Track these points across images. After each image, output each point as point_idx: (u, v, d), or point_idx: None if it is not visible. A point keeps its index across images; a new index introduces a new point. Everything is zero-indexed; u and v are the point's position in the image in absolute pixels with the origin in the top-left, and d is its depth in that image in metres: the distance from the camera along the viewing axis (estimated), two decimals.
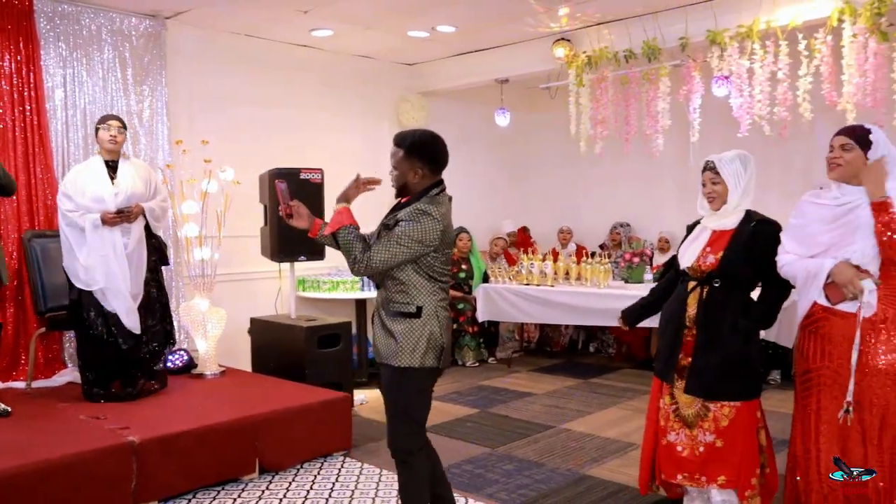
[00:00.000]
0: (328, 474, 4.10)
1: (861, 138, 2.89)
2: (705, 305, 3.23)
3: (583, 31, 6.29)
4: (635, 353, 7.01)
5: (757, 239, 3.18)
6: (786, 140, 5.62)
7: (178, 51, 5.78)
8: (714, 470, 3.21)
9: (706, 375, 3.20)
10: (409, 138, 2.90)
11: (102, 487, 3.45)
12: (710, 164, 3.31)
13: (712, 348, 3.19)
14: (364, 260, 2.75)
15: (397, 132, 2.95)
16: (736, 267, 3.18)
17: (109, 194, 4.29)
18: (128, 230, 4.34)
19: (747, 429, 3.20)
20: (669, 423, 3.35)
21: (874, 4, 4.87)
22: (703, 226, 3.38)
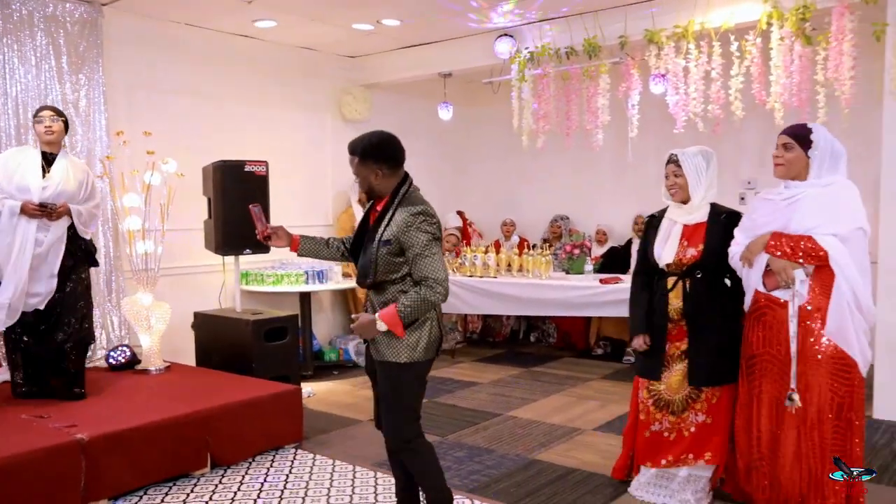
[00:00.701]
0: (281, 467, 4.11)
1: (802, 137, 3.06)
2: (692, 297, 3.38)
3: (525, 28, 6.41)
4: (575, 343, 7.20)
5: (728, 230, 3.36)
6: (718, 136, 5.86)
7: (115, 39, 5.63)
8: (702, 447, 3.39)
9: (706, 364, 3.37)
10: (360, 144, 2.94)
11: (51, 487, 3.38)
12: (674, 158, 3.46)
13: (706, 337, 3.35)
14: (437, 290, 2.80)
15: (350, 140, 2.98)
16: (716, 257, 3.35)
17: (37, 186, 4.09)
18: (46, 227, 4.10)
19: (730, 407, 3.39)
20: (651, 415, 3.49)
21: (799, 10, 5.13)
22: (672, 221, 3.51)
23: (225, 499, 3.68)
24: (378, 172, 2.91)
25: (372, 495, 3.68)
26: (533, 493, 3.70)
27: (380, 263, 2.87)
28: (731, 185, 6.94)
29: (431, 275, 2.80)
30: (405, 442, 2.98)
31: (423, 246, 2.81)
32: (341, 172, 7.41)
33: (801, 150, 3.06)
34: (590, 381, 6.03)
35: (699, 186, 3.41)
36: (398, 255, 2.85)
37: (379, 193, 2.97)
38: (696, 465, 3.42)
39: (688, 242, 3.42)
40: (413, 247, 2.81)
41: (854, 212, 3.02)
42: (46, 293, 4.14)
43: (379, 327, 2.83)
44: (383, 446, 4.39)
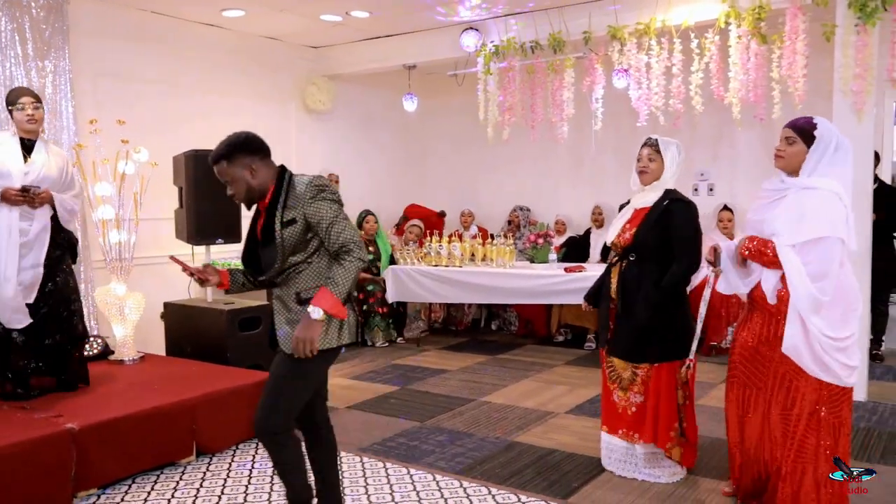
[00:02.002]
0: (266, 454, 4.14)
1: (805, 133, 3.03)
2: (622, 277, 3.57)
3: (491, 22, 6.54)
4: (537, 330, 7.40)
5: (668, 215, 3.51)
6: (677, 130, 6.10)
7: (81, 26, 5.53)
8: (640, 427, 3.58)
9: (623, 341, 3.58)
10: (223, 146, 2.80)
11: (42, 476, 3.36)
12: (653, 141, 3.61)
13: (627, 317, 3.55)
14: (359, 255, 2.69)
15: (209, 156, 2.84)
16: (645, 240, 3.51)
17: (18, 172, 3.95)
18: (30, 215, 3.96)
19: (666, 388, 3.56)
20: (612, 385, 3.68)
21: (755, 10, 5.40)
22: (632, 205, 3.71)
23: (216, 485, 3.71)
24: (252, 167, 2.78)
25: (361, 479, 3.76)
26: (517, 473, 3.84)
27: (286, 245, 2.70)
28: (685, 177, 7.20)
29: (347, 238, 2.69)
30: (275, 432, 2.77)
31: (333, 214, 2.70)
32: (306, 162, 7.45)
33: (803, 145, 3.04)
34: (555, 367, 6.22)
35: (669, 173, 3.58)
36: (306, 232, 2.72)
37: (260, 191, 2.80)
38: (637, 444, 3.63)
39: (629, 225, 3.61)
40: (323, 217, 2.69)
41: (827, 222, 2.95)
42: (32, 285, 3.99)
43: (316, 316, 2.63)
44: (365, 432, 4.52)
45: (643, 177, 3.62)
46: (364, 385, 5.71)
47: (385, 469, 3.89)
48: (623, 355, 3.62)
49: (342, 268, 2.68)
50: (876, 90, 5.05)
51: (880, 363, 6.13)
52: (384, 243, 7.53)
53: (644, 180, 3.63)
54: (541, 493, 3.55)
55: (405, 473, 3.83)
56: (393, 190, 8.48)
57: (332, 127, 7.82)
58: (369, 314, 7.21)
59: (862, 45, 4.90)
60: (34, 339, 4.09)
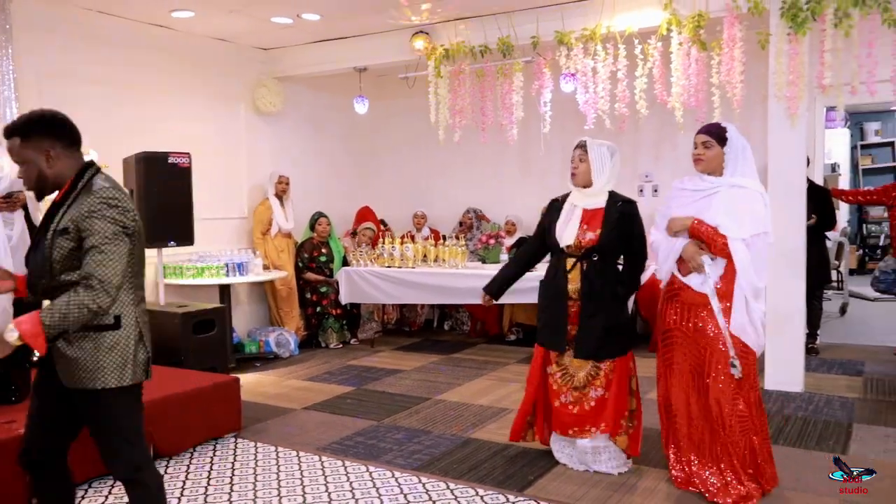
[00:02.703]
0: (224, 455, 4.17)
1: (719, 136, 3.44)
2: (587, 277, 3.70)
3: (441, 25, 6.63)
4: (489, 329, 7.52)
5: (624, 217, 3.72)
6: (622, 133, 6.30)
7: (25, 24, 5.41)
8: (599, 419, 3.72)
9: (592, 340, 3.69)
10: (20, 122, 2.43)
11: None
12: (582, 143, 3.82)
13: (596, 315, 3.67)
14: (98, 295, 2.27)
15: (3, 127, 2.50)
16: (611, 242, 3.69)
17: None
18: (10, 221, 4.02)
19: (623, 379, 3.75)
20: (559, 388, 3.79)
21: (695, 18, 5.61)
22: (573, 205, 3.83)
23: (174, 488, 3.71)
24: (50, 153, 2.39)
25: (321, 478, 3.81)
26: (475, 468, 3.94)
27: (56, 259, 2.33)
28: (630, 178, 7.45)
29: (98, 274, 2.26)
30: (135, 470, 2.48)
31: (103, 238, 2.29)
32: (256, 164, 7.44)
33: (718, 148, 3.43)
34: (507, 365, 6.35)
35: (601, 174, 3.75)
36: (78, 248, 2.32)
37: (53, 182, 2.43)
38: (596, 436, 3.76)
39: (587, 226, 3.75)
40: (92, 236, 2.28)
41: (760, 218, 3.33)
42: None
43: (9, 337, 2.23)
44: (323, 432, 4.57)
45: (573, 178, 3.81)
46: (320, 386, 5.74)
47: (344, 467, 3.95)
48: (593, 354, 3.71)
49: (69, 299, 2.25)
50: (807, 96, 5.32)
51: (815, 356, 6.43)
52: (337, 245, 7.55)
53: (574, 181, 3.80)
54: (498, 487, 3.66)
55: (364, 471, 3.89)
56: (343, 192, 8.50)
57: (283, 128, 7.81)
58: (323, 316, 7.23)
59: (794, 53, 5.14)
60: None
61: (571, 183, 3.84)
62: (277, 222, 7.15)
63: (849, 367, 6.07)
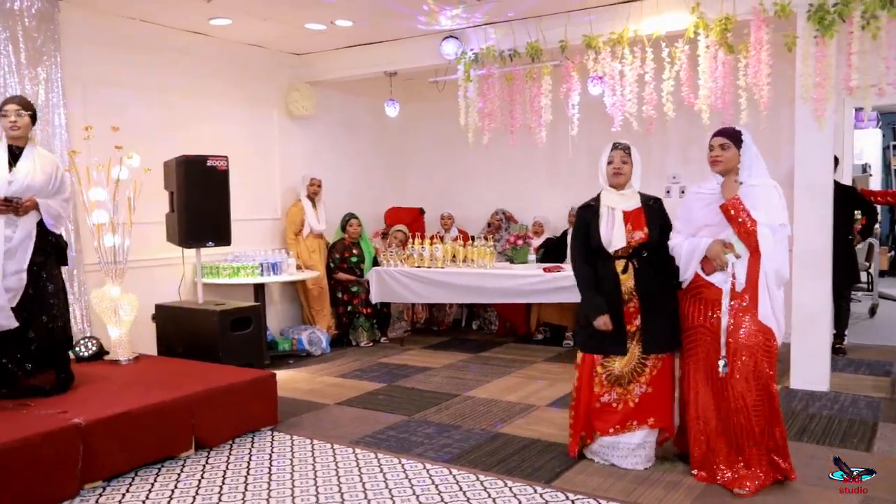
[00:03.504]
0: (262, 447, 4.33)
1: (735, 138, 3.58)
2: (643, 274, 3.80)
3: (471, 30, 6.76)
4: (516, 329, 7.63)
5: (662, 214, 3.88)
6: (650, 135, 6.38)
7: (72, 34, 5.64)
8: (644, 414, 3.81)
9: (660, 334, 3.79)
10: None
11: (51, 469, 3.51)
12: (624, 145, 3.89)
13: (656, 310, 3.78)
14: None
15: None
16: (657, 238, 3.81)
17: (2, 180, 4.03)
18: (13, 222, 4.04)
19: (671, 373, 3.85)
20: (601, 389, 3.88)
21: (722, 22, 5.67)
22: (611, 207, 3.87)
23: (216, 478, 3.88)
24: None
25: (355, 469, 3.95)
26: (503, 460, 4.06)
27: None
28: (657, 179, 7.51)
29: None
30: None
31: None
32: (289, 167, 7.63)
33: (735, 150, 3.57)
34: (535, 364, 6.46)
35: (636, 176, 3.88)
36: None
37: None
38: (639, 430, 3.84)
39: (632, 227, 3.83)
40: None
41: (779, 210, 3.50)
42: (16, 290, 4.06)
43: None
44: (356, 426, 4.71)
45: (619, 178, 3.85)
46: (351, 382, 5.90)
47: (377, 459, 4.09)
48: (665, 347, 3.81)
49: None
50: (835, 98, 5.36)
51: (843, 356, 6.45)
52: (367, 246, 7.72)
53: (619, 182, 3.87)
54: (525, 479, 3.77)
55: (397, 463, 4.03)
56: (374, 193, 8.67)
57: (315, 132, 7.99)
58: (354, 315, 7.40)
59: (821, 56, 5.19)
60: (18, 343, 4.13)
61: (610, 183, 3.87)
62: (309, 223, 7.33)
63: (876, 367, 6.08)
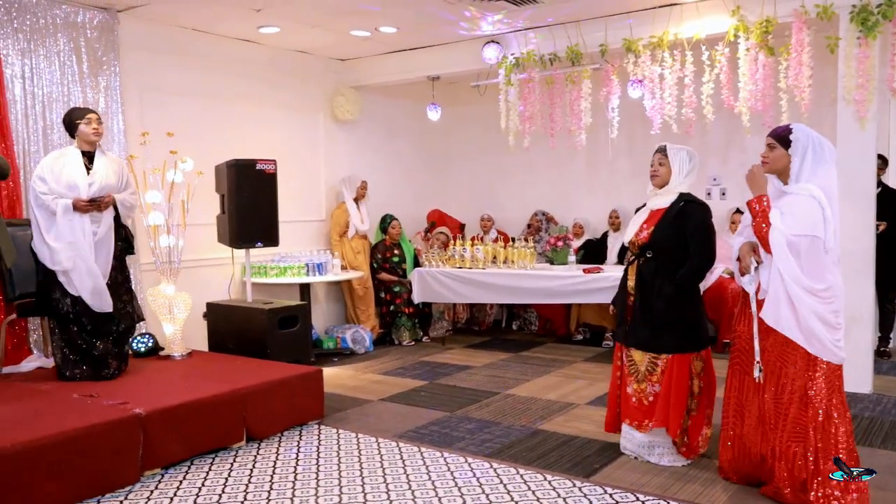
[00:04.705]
0: (310, 440, 4.50)
1: (782, 138, 3.43)
2: (640, 274, 3.90)
3: (511, 35, 6.87)
4: (556, 329, 7.71)
5: (683, 216, 3.84)
6: (689, 137, 6.41)
7: (129, 44, 5.92)
8: (653, 414, 3.89)
9: (640, 333, 3.89)
10: None
11: (113, 456, 3.71)
12: (663, 147, 3.97)
13: (644, 310, 3.86)
14: None
15: None
16: (662, 239, 3.84)
17: (84, 183, 4.48)
18: (98, 218, 4.53)
19: (681, 378, 3.87)
20: (626, 379, 3.99)
21: (763, 24, 5.69)
22: (648, 207, 4.03)
23: (266, 468, 4.05)
24: None
25: (399, 462, 4.10)
26: (543, 455, 4.17)
27: None
28: (698, 182, 7.48)
29: None
30: None
31: None
32: (334, 170, 7.82)
33: (782, 149, 3.43)
34: (574, 364, 6.54)
35: (678, 176, 3.91)
36: None
37: None
38: (650, 430, 3.92)
39: (646, 225, 3.93)
40: None
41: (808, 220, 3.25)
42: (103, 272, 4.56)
43: None
44: (399, 421, 4.86)
45: (653, 180, 3.98)
46: (394, 380, 6.05)
47: (420, 453, 4.23)
48: (640, 345, 3.91)
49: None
50: (880, 99, 5.35)
51: (887, 359, 6.40)
52: (407, 246, 7.88)
53: (655, 183, 3.97)
54: (565, 473, 3.87)
55: (439, 456, 4.16)
56: (415, 195, 8.84)
57: (358, 135, 8.18)
58: (396, 314, 7.56)
59: (864, 57, 5.19)
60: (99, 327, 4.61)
61: (651, 184, 4.01)
62: (354, 224, 7.51)
63: None
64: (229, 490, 3.73)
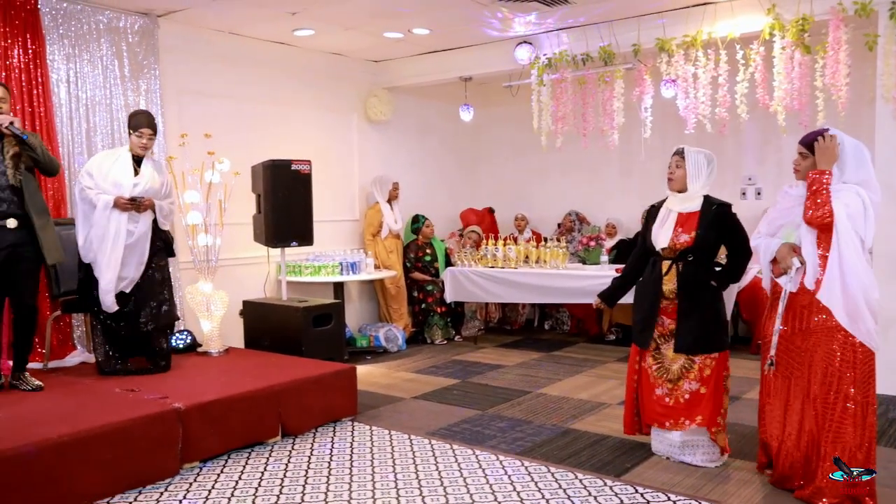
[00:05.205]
0: (343, 436, 4.58)
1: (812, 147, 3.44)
2: (684, 278, 3.88)
3: (543, 36, 6.89)
4: (588, 329, 7.71)
5: (720, 218, 3.89)
6: (723, 137, 6.37)
7: (168, 47, 6.05)
8: (694, 412, 3.88)
9: (689, 336, 3.87)
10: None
11: (153, 449, 3.82)
12: (680, 150, 4.00)
13: (692, 313, 3.85)
14: None
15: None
16: (707, 242, 3.87)
17: (129, 184, 4.64)
18: (136, 219, 4.67)
19: (721, 376, 3.90)
20: (654, 380, 3.99)
21: (799, 22, 5.63)
22: (669, 209, 4.01)
23: (301, 462, 4.13)
24: None
25: (431, 459, 4.14)
26: (574, 454, 4.19)
27: None
28: (732, 182, 7.48)
29: None
30: None
31: None
32: (367, 170, 7.90)
33: (814, 159, 3.42)
34: (606, 364, 6.54)
35: (697, 180, 3.91)
36: None
37: None
38: (690, 428, 3.92)
39: (681, 229, 3.92)
40: None
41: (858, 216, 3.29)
42: (133, 278, 4.68)
43: None
44: (432, 419, 4.91)
45: (669, 183, 4.00)
46: (426, 378, 6.11)
47: (452, 450, 4.28)
48: (690, 349, 3.89)
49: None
50: None
51: None
52: (438, 244, 7.95)
53: (670, 186, 4.00)
54: (596, 472, 3.89)
55: (471, 454, 4.20)
56: (447, 195, 8.89)
57: (391, 136, 8.26)
58: (428, 313, 7.62)
59: None
60: (129, 325, 4.73)
61: (668, 188, 4.04)
62: (388, 224, 7.59)
63: None
64: (265, 484, 3.81)
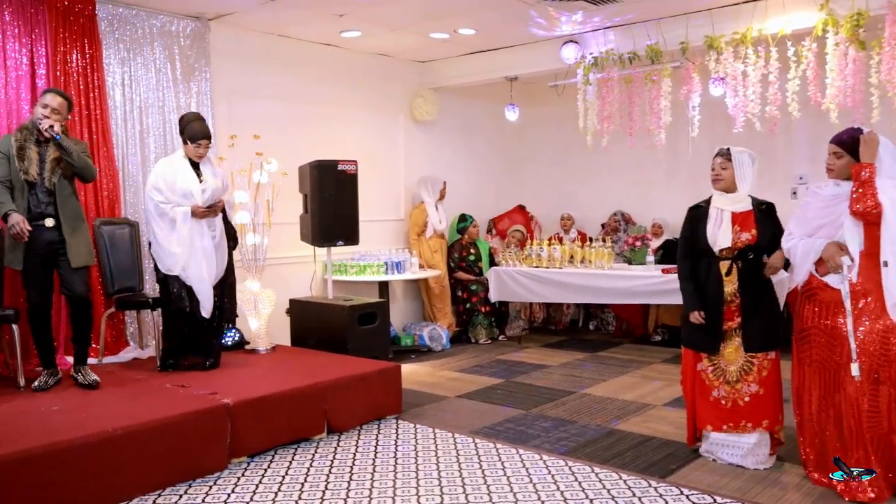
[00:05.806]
0: (388, 433, 4.62)
1: (848, 145, 3.43)
2: (747, 274, 3.85)
3: (590, 34, 6.84)
4: (634, 330, 7.64)
5: (771, 216, 3.91)
6: (773, 135, 6.25)
7: (219, 50, 6.18)
8: (759, 415, 3.85)
9: (758, 335, 3.84)
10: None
11: (204, 443, 3.92)
12: (725, 151, 3.97)
13: (757, 311, 3.83)
14: None
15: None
16: (767, 238, 3.85)
17: (197, 190, 4.77)
18: (213, 223, 4.86)
19: (779, 376, 3.88)
20: (712, 383, 3.94)
21: (854, 17, 5.49)
22: (720, 209, 3.95)
23: (346, 459, 4.19)
24: None
25: (475, 457, 4.16)
26: (618, 455, 4.17)
27: None
28: (784, 180, 7.33)
29: None
30: None
31: None
32: (412, 170, 7.95)
33: (849, 157, 3.42)
34: (652, 364, 6.47)
35: (744, 180, 3.90)
36: None
37: None
38: (755, 432, 3.86)
39: (740, 228, 3.88)
40: None
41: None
42: (218, 274, 4.89)
43: None
44: (476, 417, 4.93)
45: (716, 184, 3.96)
46: (470, 377, 6.13)
47: (496, 449, 4.29)
48: (762, 346, 3.85)
49: None
50: None
51: None
52: (483, 244, 7.96)
53: (717, 186, 3.97)
54: (640, 473, 3.86)
55: (514, 453, 4.21)
56: (493, 194, 8.90)
57: (437, 135, 8.30)
58: (472, 312, 7.64)
59: None
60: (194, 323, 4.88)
61: (714, 188, 3.99)
62: (433, 224, 7.63)
63: None
64: (311, 479, 3.88)
